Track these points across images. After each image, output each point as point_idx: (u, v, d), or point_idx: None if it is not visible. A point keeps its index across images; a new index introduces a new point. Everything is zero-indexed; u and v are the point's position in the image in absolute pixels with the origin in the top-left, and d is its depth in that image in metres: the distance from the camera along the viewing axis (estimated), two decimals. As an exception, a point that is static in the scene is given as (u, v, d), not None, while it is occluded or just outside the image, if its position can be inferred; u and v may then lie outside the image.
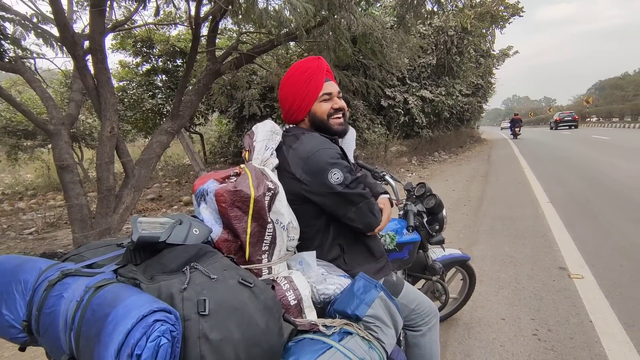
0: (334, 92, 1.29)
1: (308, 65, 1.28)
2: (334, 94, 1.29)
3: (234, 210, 1.03)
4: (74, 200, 3.52)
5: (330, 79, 1.31)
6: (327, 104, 1.28)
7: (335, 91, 1.30)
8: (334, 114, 1.29)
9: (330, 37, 4.68)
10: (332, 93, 1.29)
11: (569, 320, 2.36)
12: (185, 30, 9.96)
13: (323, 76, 1.27)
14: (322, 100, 1.27)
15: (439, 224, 1.94)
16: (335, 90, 1.30)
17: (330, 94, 1.28)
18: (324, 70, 1.28)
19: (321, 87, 1.26)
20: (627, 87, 51.16)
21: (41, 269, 0.90)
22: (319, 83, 1.26)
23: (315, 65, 1.28)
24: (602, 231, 4.03)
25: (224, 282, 0.80)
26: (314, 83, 1.26)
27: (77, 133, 10.02)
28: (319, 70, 1.27)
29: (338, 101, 1.30)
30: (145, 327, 0.62)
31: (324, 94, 1.27)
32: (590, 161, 9.60)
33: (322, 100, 1.27)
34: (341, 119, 1.31)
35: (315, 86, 1.26)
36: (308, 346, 0.92)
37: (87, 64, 3.54)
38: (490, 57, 16.22)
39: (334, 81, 1.33)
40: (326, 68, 1.30)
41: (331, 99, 1.29)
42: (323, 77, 1.27)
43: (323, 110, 1.27)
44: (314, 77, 1.26)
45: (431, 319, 1.39)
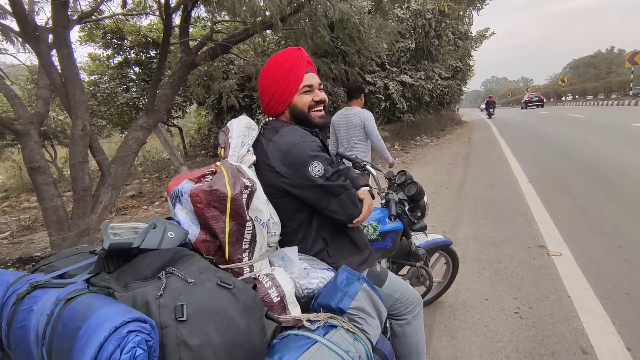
0: (315, 84, 1.27)
1: (288, 56, 1.25)
2: (315, 86, 1.27)
3: (211, 210, 1.00)
4: (48, 203, 3.40)
5: (310, 70, 1.28)
6: (308, 96, 1.26)
7: (317, 83, 1.28)
8: (315, 107, 1.27)
9: (307, 24, 4.60)
10: (313, 85, 1.26)
11: (549, 297, 2.44)
12: (157, 20, 9.61)
13: (304, 67, 1.25)
14: (303, 92, 1.25)
15: (421, 211, 1.96)
16: (316, 82, 1.27)
17: (311, 86, 1.26)
18: (305, 61, 1.25)
19: (302, 79, 1.24)
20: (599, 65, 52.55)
21: (9, 282, 0.86)
22: (300, 74, 1.24)
23: (296, 55, 1.25)
24: (579, 208, 4.16)
25: (202, 286, 0.78)
26: (295, 74, 1.23)
27: (48, 131, 9.62)
28: (300, 61, 1.24)
29: (319, 93, 1.28)
30: (119, 339, 0.60)
31: (304, 85, 1.24)
32: (566, 140, 9.86)
33: (302, 92, 1.25)
34: (322, 112, 1.29)
35: (296, 78, 1.23)
36: (293, 342, 0.92)
37: (52, 59, 3.37)
38: (468, 40, 16.32)
39: (314, 73, 1.30)
40: (307, 59, 1.27)
41: (312, 91, 1.27)
42: (304, 68, 1.25)
43: (304, 102, 1.25)
44: (295, 68, 1.23)
45: (415, 307, 1.41)
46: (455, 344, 2.08)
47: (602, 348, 1.90)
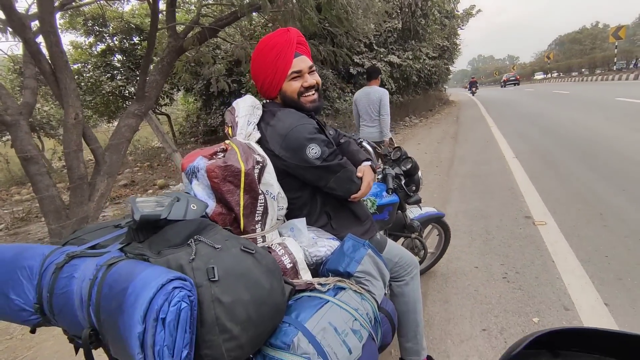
0: (304, 68, 1.24)
1: (276, 41, 1.22)
2: (304, 71, 1.24)
3: (226, 185, 1.07)
4: (44, 192, 3.41)
5: (301, 52, 1.25)
6: (296, 83, 1.24)
7: (306, 67, 1.24)
8: (305, 92, 1.25)
9: (295, 5, 4.57)
10: (302, 70, 1.23)
11: (534, 262, 2.61)
12: (139, 6, 9.36)
13: (292, 51, 1.21)
14: (292, 79, 1.23)
15: (416, 185, 2.06)
16: (305, 67, 1.24)
17: (300, 72, 1.23)
18: (293, 44, 1.22)
19: (290, 65, 1.22)
20: (584, 41, 52.87)
21: (44, 254, 0.93)
22: (288, 60, 1.21)
23: (284, 39, 1.22)
24: (563, 180, 4.34)
25: (228, 251, 0.86)
26: (283, 60, 1.21)
27: (35, 122, 9.42)
28: (287, 45, 1.21)
29: (309, 78, 1.25)
30: (166, 294, 0.68)
31: (292, 72, 1.22)
32: (551, 116, 10.07)
33: (291, 78, 1.23)
34: (313, 96, 1.27)
35: (284, 64, 1.21)
36: (307, 302, 1.01)
37: (39, 47, 3.32)
38: (455, 18, 16.27)
39: (306, 54, 1.28)
40: (296, 41, 1.23)
41: (301, 77, 1.24)
42: (292, 52, 1.21)
43: (293, 89, 1.24)
44: (282, 53, 1.21)
45: (412, 269, 1.53)
46: (448, 307, 2.22)
47: (583, 304, 2.07)
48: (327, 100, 8.92)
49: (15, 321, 0.93)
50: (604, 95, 13.72)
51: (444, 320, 2.11)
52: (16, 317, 0.91)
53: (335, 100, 9.41)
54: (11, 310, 0.90)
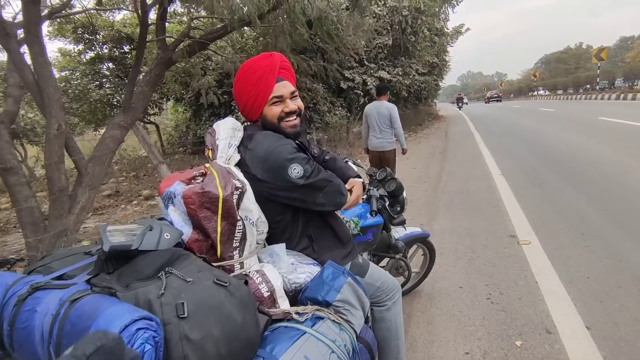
0: (285, 94, 1.24)
1: (258, 65, 1.23)
2: (286, 96, 1.24)
3: (203, 211, 1.05)
4: (23, 204, 3.31)
5: (284, 77, 1.25)
6: (277, 108, 1.24)
7: (288, 92, 1.24)
8: (286, 117, 1.25)
9: (285, 21, 4.62)
10: (284, 95, 1.23)
11: (518, 283, 2.61)
12: (130, 15, 9.34)
13: (274, 76, 1.22)
14: (272, 104, 1.23)
15: (400, 206, 2.06)
16: (287, 92, 1.24)
17: (281, 97, 1.23)
18: (276, 69, 1.22)
19: (271, 90, 1.22)
20: (569, 61, 54.48)
21: (7, 284, 0.89)
22: (269, 85, 1.21)
23: (266, 64, 1.22)
24: (547, 198, 4.41)
25: (200, 284, 0.83)
26: (264, 85, 1.21)
27: (18, 129, 9.22)
28: (270, 70, 1.21)
29: (290, 103, 1.25)
30: (129, 337, 0.65)
31: (273, 97, 1.22)
32: (537, 133, 10.29)
33: (272, 103, 1.23)
34: (294, 121, 1.26)
35: (265, 88, 1.21)
36: (283, 334, 0.99)
37: (23, 57, 3.27)
38: (444, 36, 16.63)
39: (289, 79, 1.28)
40: (279, 65, 1.23)
41: (282, 102, 1.24)
42: (274, 77, 1.22)
43: (273, 114, 1.24)
44: (264, 78, 1.21)
45: (395, 294, 1.51)
46: (432, 329, 2.20)
47: (565, 328, 2.07)
48: (317, 114, 8.97)
49: None
50: (588, 114, 14.10)
51: (427, 343, 2.09)
52: None
53: (326, 114, 9.47)
54: None
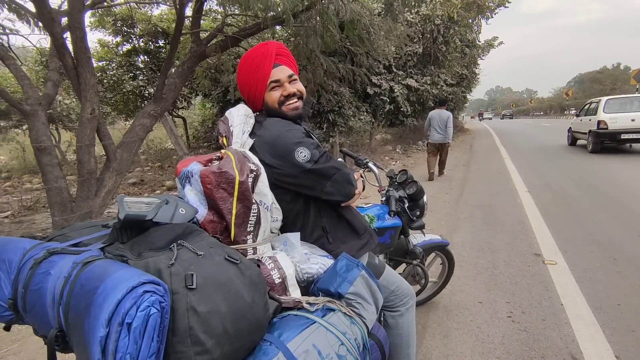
0: (282, 78, 1.24)
1: (255, 54, 1.25)
2: (283, 80, 1.24)
3: (220, 192, 1.04)
4: (52, 184, 3.44)
5: (281, 63, 1.25)
6: (276, 92, 1.25)
7: (285, 76, 1.25)
8: (286, 101, 1.26)
9: (318, 22, 4.63)
10: (281, 79, 1.24)
11: (542, 304, 2.48)
12: (167, 10, 9.65)
13: (270, 63, 1.23)
14: (272, 89, 1.25)
15: (420, 210, 2.00)
16: (284, 76, 1.25)
17: (278, 81, 1.24)
18: (272, 55, 1.23)
19: (268, 76, 1.23)
20: (605, 81, 52.55)
21: (25, 249, 0.90)
22: (266, 71, 1.23)
23: (262, 52, 1.24)
24: (575, 219, 4.21)
25: (211, 259, 0.82)
26: (261, 72, 1.23)
27: (54, 114, 9.67)
28: (266, 57, 1.23)
29: (288, 87, 1.25)
30: (135, 298, 0.64)
31: (271, 82, 1.23)
32: (567, 153, 9.90)
33: (271, 89, 1.24)
34: (295, 104, 1.27)
35: (263, 75, 1.23)
36: (292, 321, 0.96)
37: (65, 42, 3.41)
38: (476, 48, 16.32)
39: (287, 64, 1.27)
40: (275, 52, 1.24)
41: (281, 86, 1.25)
42: (270, 63, 1.23)
43: (273, 99, 1.25)
44: (261, 65, 1.23)
45: (409, 300, 1.45)
46: (448, 342, 2.12)
47: (592, 355, 1.94)
48: (341, 118, 8.94)
49: None
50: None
51: (442, 356, 2.01)
52: None
53: (350, 118, 9.43)
54: None
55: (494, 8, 10.37)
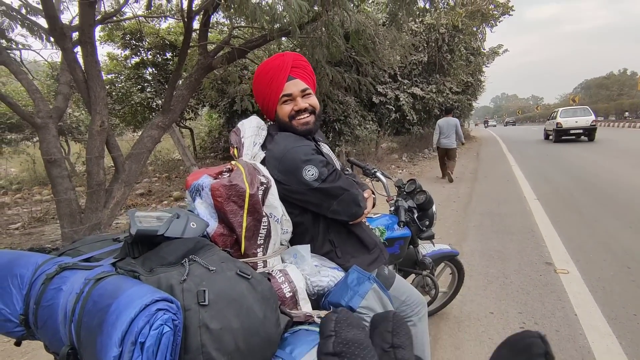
0: (295, 92, 1.23)
1: (270, 66, 1.25)
2: (295, 94, 1.24)
3: (230, 205, 1.04)
4: (62, 195, 3.48)
5: (296, 76, 1.24)
6: (288, 106, 1.24)
7: (297, 91, 1.24)
8: (297, 115, 1.25)
9: (323, 33, 4.68)
10: (293, 94, 1.23)
11: (555, 314, 2.43)
12: (175, 24, 9.81)
13: (285, 75, 1.22)
14: (283, 103, 1.24)
15: (429, 220, 1.98)
16: (297, 90, 1.24)
17: (290, 95, 1.23)
18: (287, 68, 1.22)
19: (281, 88, 1.22)
20: (612, 87, 52.23)
21: (37, 263, 0.91)
22: (280, 84, 1.22)
23: (277, 64, 1.23)
24: (587, 227, 4.14)
25: (223, 274, 0.81)
26: (275, 84, 1.23)
27: (64, 126, 9.83)
28: (280, 70, 1.22)
29: (300, 102, 1.24)
30: (149, 316, 0.63)
31: (283, 95, 1.23)
32: (575, 159, 9.81)
33: (283, 102, 1.24)
34: (306, 119, 1.25)
35: (276, 88, 1.23)
36: (304, 336, 0.94)
37: (76, 56, 3.48)
38: (481, 55, 16.36)
39: (302, 77, 1.26)
40: (291, 64, 1.23)
41: (293, 100, 1.24)
42: (284, 76, 1.22)
43: (284, 112, 1.25)
44: (275, 78, 1.22)
45: (421, 310, 1.43)
46: (460, 355, 2.08)
47: (608, 367, 1.89)
48: (347, 127, 8.97)
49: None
50: (632, 142, 13.33)
51: (452, 368, 1.97)
52: (1, 327, 0.88)
53: (356, 127, 9.46)
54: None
55: (498, 16, 10.42)
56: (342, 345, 0.68)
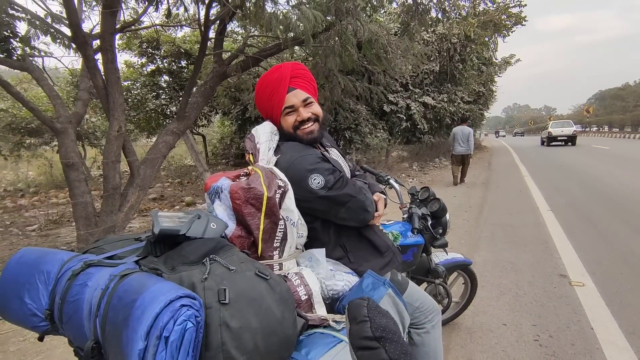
0: (296, 103, 1.24)
1: (269, 79, 1.26)
2: (297, 105, 1.24)
3: (248, 207, 1.06)
4: (79, 198, 3.56)
5: (296, 86, 1.25)
6: (291, 117, 1.26)
7: (299, 101, 1.25)
8: (301, 125, 1.26)
9: (336, 42, 4.74)
10: (295, 105, 1.24)
11: (570, 327, 2.38)
12: (190, 32, 10.03)
13: (284, 88, 1.23)
14: (286, 114, 1.26)
15: (443, 228, 1.97)
16: (298, 101, 1.24)
17: (292, 106, 1.24)
18: (286, 79, 1.23)
19: (282, 102, 1.24)
20: (627, 98, 51.36)
21: (63, 260, 0.94)
22: (281, 97, 1.24)
23: (276, 77, 1.24)
24: (602, 239, 4.06)
25: (242, 274, 0.83)
26: (276, 98, 1.24)
27: (81, 131, 10.06)
28: (280, 83, 1.24)
29: (302, 112, 1.25)
30: (173, 311, 0.65)
31: (285, 107, 1.24)
32: (590, 170, 9.64)
33: (285, 114, 1.25)
34: (310, 128, 1.26)
35: (277, 101, 1.24)
36: (319, 339, 0.95)
37: (97, 63, 3.58)
38: (493, 65, 16.29)
39: (302, 86, 1.27)
40: (290, 75, 1.24)
41: (295, 111, 1.25)
42: (284, 88, 1.23)
43: (288, 124, 1.26)
44: (275, 91, 1.24)
45: (434, 317, 1.42)
46: (471, 365, 2.05)
47: (626, 382, 1.85)
48: (358, 135, 9.00)
49: (25, 326, 0.92)
50: (650, 154, 13.06)
51: (464, 379, 1.94)
52: (26, 322, 0.91)
53: (367, 135, 9.48)
54: (23, 315, 0.90)
55: (511, 26, 10.37)
56: (380, 330, 0.68)
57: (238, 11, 3.72)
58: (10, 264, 0.95)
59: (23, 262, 0.95)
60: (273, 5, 3.69)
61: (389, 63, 5.55)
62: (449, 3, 5.55)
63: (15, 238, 4.89)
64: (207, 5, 4.05)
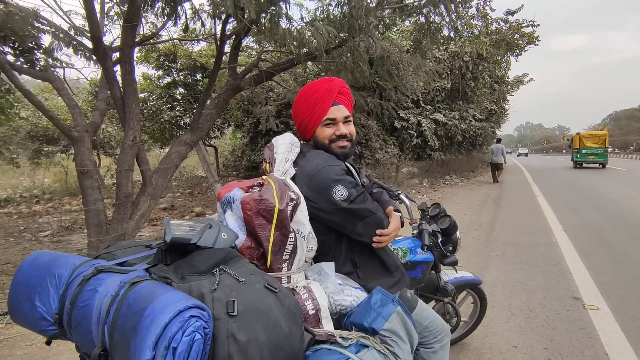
0: (338, 117, 1.28)
1: (317, 88, 1.29)
2: (339, 120, 1.28)
3: (259, 219, 1.06)
4: (91, 205, 3.62)
5: (341, 102, 1.29)
6: (329, 130, 1.28)
7: (341, 116, 1.28)
8: (337, 140, 1.29)
9: (349, 58, 4.81)
10: (337, 118, 1.27)
11: (584, 352, 2.30)
12: (206, 47, 10.28)
13: (331, 100, 1.26)
14: (325, 125, 1.28)
15: (453, 245, 1.95)
16: (340, 116, 1.28)
17: (334, 119, 1.27)
18: (334, 93, 1.27)
19: (326, 112, 1.26)
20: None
21: (75, 265, 0.95)
22: (325, 107, 1.26)
23: (325, 88, 1.28)
24: (618, 262, 3.94)
25: (251, 286, 0.83)
26: (320, 107, 1.26)
27: (97, 141, 10.29)
28: (327, 94, 1.26)
29: (342, 127, 1.28)
30: (182, 322, 0.65)
31: (327, 119, 1.27)
32: (604, 191, 9.45)
33: (325, 124, 1.27)
34: (344, 144, 1.29)
35: (321, 110, 1.26)
36: (325, 356, 0.94)
37: (115, 74, 3.69)
38: (505, 84, 16.28)
39: (346, 104, 1.31)
40: (338, 90, 1.28)
41: (335, 125, 1.28)
42: (331, 101, 1.26)
43: (325, 135, 1.28)
44: (321, 101, 1.26)
45: (443, 337, 1.39)
46: (481, 389, 1.99)
47: (644, 413, 1.77)
48: (368, 150, 9.03)
49: (33, 329, 0.93)
50: (667, 176, 12.76)
51: (473, 403, 1.88)
52: (35, 325, 0.91)
53: (377, 150, 9.49)
54: (33, 318, 0.91)
55: (524, 46, 10.41)
56: None
57: (253, 27, 3.81)
58: (23, 266, 0.96)
59: (36, 265, 0.97)
60: (287, 22, 3.78)
61: (400, 80, 5.59)
62: (462, 22, 5.61)
63: (28, 243, 4.97)
64: (224, 20, 4.16)
